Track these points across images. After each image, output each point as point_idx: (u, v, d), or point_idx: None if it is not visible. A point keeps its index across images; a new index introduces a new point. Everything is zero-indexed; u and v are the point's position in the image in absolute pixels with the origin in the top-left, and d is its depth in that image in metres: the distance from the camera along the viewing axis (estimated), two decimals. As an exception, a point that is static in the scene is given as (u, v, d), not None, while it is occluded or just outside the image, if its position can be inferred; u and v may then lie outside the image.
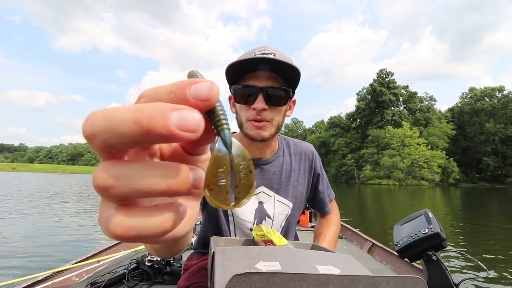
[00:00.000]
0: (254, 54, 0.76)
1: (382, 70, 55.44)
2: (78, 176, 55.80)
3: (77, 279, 1.78)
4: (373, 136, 48.51)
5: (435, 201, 15.19)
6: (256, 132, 0.79)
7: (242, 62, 0.75)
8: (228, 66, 0.77)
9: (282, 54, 0.79)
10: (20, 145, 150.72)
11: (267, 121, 0.79)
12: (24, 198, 10.88)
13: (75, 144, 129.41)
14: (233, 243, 0.73)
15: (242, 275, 0.33)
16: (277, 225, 0.91)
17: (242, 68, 0.78)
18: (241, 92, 0.78)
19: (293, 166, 0.95)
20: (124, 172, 0.16)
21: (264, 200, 0.89)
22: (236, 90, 0.79)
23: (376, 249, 2.54)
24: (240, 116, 0.83)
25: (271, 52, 0.77)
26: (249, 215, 0.88)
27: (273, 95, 0.77)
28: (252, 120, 0.78)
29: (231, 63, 0.76)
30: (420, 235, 0.99)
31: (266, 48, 0.78)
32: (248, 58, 0.75)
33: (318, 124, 76.98)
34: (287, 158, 0.96)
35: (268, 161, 0.91)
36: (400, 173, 41.71)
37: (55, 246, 4.42)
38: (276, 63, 0.74)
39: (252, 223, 0.88)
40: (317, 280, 0.35)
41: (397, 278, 0.35)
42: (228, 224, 0.89)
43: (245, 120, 0.80)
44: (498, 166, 47.11)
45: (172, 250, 0.38)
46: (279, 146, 0.96)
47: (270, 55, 0.75)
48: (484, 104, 48.67)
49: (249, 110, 0.79)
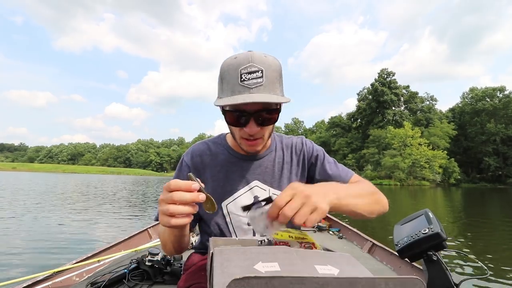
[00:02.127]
0: (240, 74, 0.72)
1: (383, 70, 55.44)
2: (78, 175, 55.91)
3: (77, 279, 1.78)
4: (374, 136, 48.47)
5: (436, 201, 15.17)
6: (250, 148, 0.83)
7: (229, 103, 0.72)
8: (222, 106, 0.77)
9: (269, 65, 0.75)
10: (20, 144, 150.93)
11: (259, 138, 0.81)
12: (24, 198, 10.91)
13: (75, 144, 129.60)
14: (232, 243, 0.73)
15: (241, 279, 0.33)
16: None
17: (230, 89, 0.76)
18: (232, 117, 0.78)
19: (286, 159, 0.96)
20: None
21: (259, 194, 0.89)
22: (227, 114, 0.78)
23: (376, 249, 2.53)
24: (232, 131, 0.84)
25: (258, 68, 0.72)
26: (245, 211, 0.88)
27: (265, 118, 0.78)
28: (245, 139, 0.81)
29: (220, 104, 0.75)
30: (420, 235, 0.98)
31: (252, 65, 0.72)
32: (236, 103, 0.71)
33: (318, 124, 77.01)
34: (279, 153, 0.96)
35: (261, 156, 0.93)
36: (401, 173, 41.68)
37: (55, 246, 4.42)
38: (262, 100, 0.71)
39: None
40: (316, 282, 0.35)
41: (395, 280, 0.35)
42: (226, 224, 0.89)
43: (238, 137, 0.82)
44: (499, 166, 47.03)
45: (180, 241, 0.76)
46: (272, 141, 0.97)
47: (258, 73, 0.72)
48: (485, 104, 48.58)
49: (241, 130, 0.79)
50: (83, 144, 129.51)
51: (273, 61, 0.77)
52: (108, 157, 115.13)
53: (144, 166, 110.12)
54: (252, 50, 0.77)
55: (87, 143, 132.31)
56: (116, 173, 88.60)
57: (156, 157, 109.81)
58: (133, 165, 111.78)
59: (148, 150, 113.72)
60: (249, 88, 0.72)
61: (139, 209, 9.32)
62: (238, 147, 0.91)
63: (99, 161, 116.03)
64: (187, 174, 0.60)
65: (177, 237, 0.74)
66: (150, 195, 14.51)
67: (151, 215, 7.89)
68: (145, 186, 23.12)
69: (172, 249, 0.78)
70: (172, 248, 0.78)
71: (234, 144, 0.93)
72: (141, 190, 18.09)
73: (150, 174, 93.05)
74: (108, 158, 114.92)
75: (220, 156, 0.92)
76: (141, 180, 39.18)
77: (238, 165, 0.91)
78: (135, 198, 13.04)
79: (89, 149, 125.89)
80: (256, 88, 0.72)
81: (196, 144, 0.97)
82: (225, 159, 0.91)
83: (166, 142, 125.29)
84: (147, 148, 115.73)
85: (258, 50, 0.78)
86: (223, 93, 0.76)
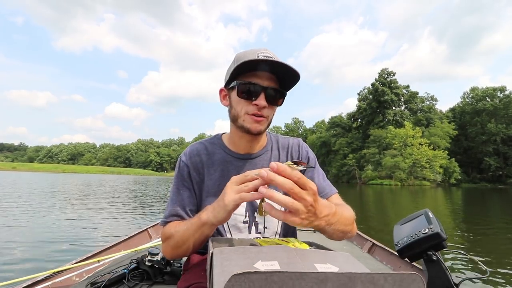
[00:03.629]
0: (257, 55, 0.80)
1: (383, 70, 55.39)
2: (78, 175, 55.89)
3: (77, 279, 1.78)
4: (374, 136, 48.42)
5: (437, 201, 15.16)
6: (254, 125, 0.84)
7: (253, 61, 0.78)
8: (240, 63, 0.79)
9: (279, 59, 0.83)
10: (20, 144, 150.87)
11: (265, 117, 0.85)
12: (24, 198, 10.91)
13: (75, 144, 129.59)
14: (232, 243, 0.73)
15: (241, 274, 0.33)
16: (270, 217, 0.91)
17: (246, 66, 0.81)
18: (245, 88, 0.82)
19: (281, 159, 0.98)
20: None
21: None
22: (240, 86, 0.83)
23: (376, 249, 2.53)
24: (236, 109, 0.86)
25: (271, 55, 0.81)
26: (240, 208, 0.88)
27: (273, 95, 0.84)
28: (252, 115, 0.83)
29: (242, 62, 0.79)
30: (420, 235, 0.98)
31: (267, 51, 0.83)
32: (257, 59, 0.78)
33: (318, 124, 76.95)
34: (275, 152, 0.98)
35: (256, 155, 0.94)
36: (402, 173, 41.64)
37: (55, 246, 4.42)
38: (279, 65, 0.80)
39: (244, 215, 0.90)
40: (315, 278, 0.35)
41: (394, 275, 0.35)
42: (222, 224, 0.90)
43: (243, 113, 0.84)
44: (500, 166, 46.97)
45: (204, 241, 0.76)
46: (267, 141, 0.99)
47: (272, 58, 0.80)
48: (486, 104, 48.51)
49: (250, 105, 0.83)
50: (83, 144, 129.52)
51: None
52: (108, 157, 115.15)
53: (144, 166, 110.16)
54: None
55: (87, 143, 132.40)
56: (116, 173, 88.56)
57: (156, 157, 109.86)
58: (133, 165, 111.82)
59: (148, 150, 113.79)
60: (267, 57, 0.79)
61: (139, 209, 9.32)
62: (234, 146, 0.93)
63: (99, 161, 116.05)
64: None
65: (204, 235, 0.74)
66: (150, 195, 14.52)
67: (151, 215, 7.90)
68: (145, 186, 23.12)
69: (191, 247, 0.77)
70: (191, 247, 0.76)
71: (230, 144, 0.95)
72: (141, 190, 18.09)
73: (150, 174, 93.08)
74: (108, 158, 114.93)
75: (216, 155, 0.93)
76: (141, 180, 39.18)
77: (234, 164, 0.92)
78: (136, 198, 13.04)
79: (89, 149, 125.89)
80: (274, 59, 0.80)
81: (192, 144, 0.98)
82: (221, 158, 0.93)
83: (166, 142, 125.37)
84: (147, 148, 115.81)
85: None
86: (240, 70, 0.82)
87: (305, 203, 0.55)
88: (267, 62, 0.79)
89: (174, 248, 0.80)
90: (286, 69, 0.81)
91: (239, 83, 0.83)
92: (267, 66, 0.81)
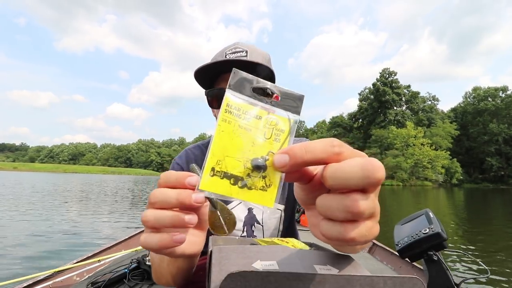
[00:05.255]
0: (225, 54, 0.74)
1: (385, 70, 55.25)
2: (79, 175, 56.00)
3: (78, 278, 1.78)
4: (376, 136, 48.32)
5: (438, 202, 15.11)
6: None
7: (209, 66, 0.72)
8: (196, 71, 0.74)
9: (255, 50, 0.76)
10: (21, 144, 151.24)
11: None
12: (25, 198, 10.93)
13: (76, 144, 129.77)
14: (232, 242, 0.73)
15: (237, 274, 0.32)
16: (269, 230, 0.88)
17: (213, 72, 0.76)
18: (214, 96, 0.77)
19: None
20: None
21: (254, 206, 0.88)
22: (209, 94, 0.78)
23: (376, 249, 2.53)
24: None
25: (243, 49, 0.74)
26: (238, 223, 0.86)
27: None
28: None
29: (199, 67, 0.73)
30: (421, 235, 0.98)
31: (237, 46, 0.75)
32: (215, 61, 0.72)
33: (319, 124, 76.89)
34: None
35: None
36: (403, 174, 41.55)
37: (56, 246, 4.43)
38: (245, 64, 0.71)
39: (242, 230, 0.86)
40: (312, 279, 0.34)
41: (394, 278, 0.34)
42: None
43: None
44: (502, 166, 46.83)
45: (185, 275, 0.51)
46: None
47: (242, 53, 0.73)
48: (487, 104, 48.37)
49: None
50: (84, 144, 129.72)
51: (261, 49, 0.77)
52: (109, 157, 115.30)
53: (145, 166, 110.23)
54: None
55: (88, 143, 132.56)
56: (117, 173, 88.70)
57: (157, 157, 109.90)
58: (134, 165, 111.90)
59: (149, 150, 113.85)
60: (237, 54, 0.72)
61: (140, 209, 9.32)
62: None
63: (100, 161, 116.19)
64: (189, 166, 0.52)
65: (181, 270, 0.49)
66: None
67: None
68: (146, 186, 23.13)
69: (170, 281, 0.52)
70: (171, 281, 0.52)
71: None
72: (141, 190, 18.10)
73: (151, 174, 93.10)
74: (109, 158, 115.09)
75: None
76: (142, 180, 39.21)
77: None
78: (136, 198, 13.05)
79: (90, 149, 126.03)
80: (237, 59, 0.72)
81: (188, 148, 0.96)
82: None
83: (167, 142, 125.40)
84: (148, 148, 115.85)
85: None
86: (203, 77, 0.76)
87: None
88: (225, 62, 0.72)
89: (155, 277, 0.55)
90: (251, 64, 0.72)
91: (208, 92, 0.77)
92: (230, 66, 0.76)
